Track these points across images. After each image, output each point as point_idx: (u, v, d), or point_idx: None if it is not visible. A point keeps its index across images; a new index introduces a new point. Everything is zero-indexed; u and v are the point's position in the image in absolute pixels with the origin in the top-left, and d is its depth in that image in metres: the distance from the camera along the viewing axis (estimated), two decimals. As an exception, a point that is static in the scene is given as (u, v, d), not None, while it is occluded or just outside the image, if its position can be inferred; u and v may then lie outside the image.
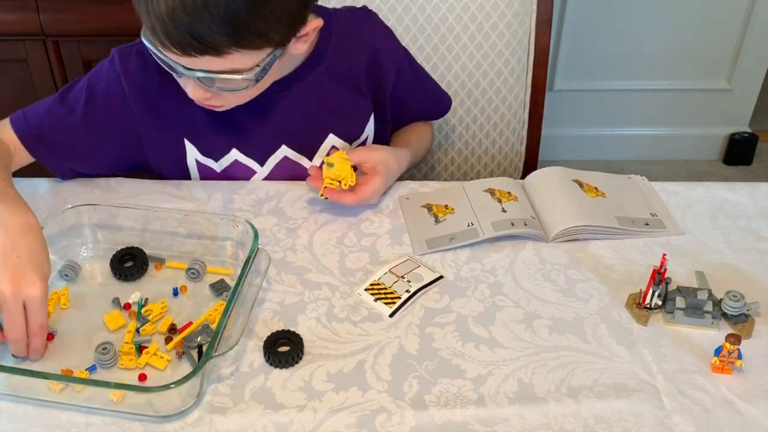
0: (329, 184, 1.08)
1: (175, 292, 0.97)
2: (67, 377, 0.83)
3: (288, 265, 1.02)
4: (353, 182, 1.09)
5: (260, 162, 1.18)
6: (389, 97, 1.24)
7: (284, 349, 0.88)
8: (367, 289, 0.98)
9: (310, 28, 1.00)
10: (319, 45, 1.13)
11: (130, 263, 1.00)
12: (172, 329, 0.91)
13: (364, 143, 1.24)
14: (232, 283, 0.97)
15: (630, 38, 2.39)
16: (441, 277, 1.00)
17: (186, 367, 0.87)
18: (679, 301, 0.94)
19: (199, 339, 0.89)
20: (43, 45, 1.85)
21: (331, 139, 1.20)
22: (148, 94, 1.10)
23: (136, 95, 1.09)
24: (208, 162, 1.17)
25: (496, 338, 0.92)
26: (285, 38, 0.98)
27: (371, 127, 1.24)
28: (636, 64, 2.44)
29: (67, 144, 1.11)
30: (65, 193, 1.14)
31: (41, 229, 0.90)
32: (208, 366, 0.81)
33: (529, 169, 1.44)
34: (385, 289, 0.98)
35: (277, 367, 0.87)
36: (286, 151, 1.18)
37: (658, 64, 2.45)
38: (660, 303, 0.95)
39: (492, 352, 0.90)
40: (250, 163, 1.17)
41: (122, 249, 1.01)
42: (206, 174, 1.18)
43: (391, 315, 0.94)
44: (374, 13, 1.23)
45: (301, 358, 0.88)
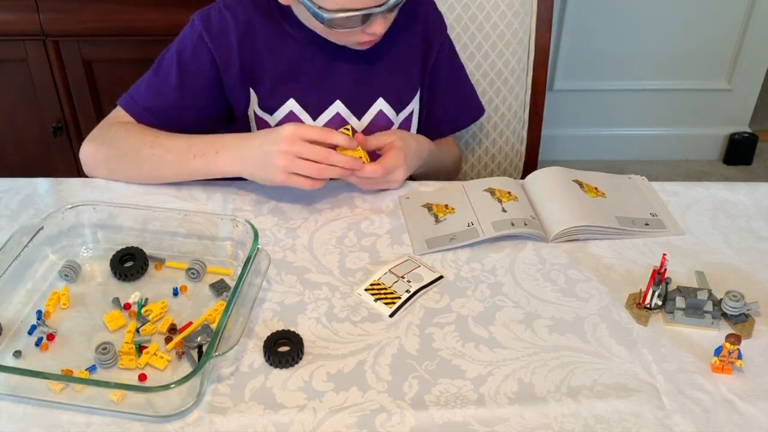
0: None
1: (175, 292, 0.97)
2: (67, 377, 0.83)
3: (288, 265, 1.02)
4: (368, 161, 1.09)
5: (313, 115, 1.20)
6: (427, 79, 1.25)
7: (284, 349, 0.88)
8: (367, 289, 0.98)
9: None
10: None
11: (130, 263, 1.00)
12: (172, 329, 0.91)
13: (408, 118, 1.26)
14: (232, 283, 0.97)
15: (630, 38, 2.39)
16: (441, 277, 1.00)
17: (186, 367, 0.87)
18: (679, 301, 0.94)
19: (199, 339, 0.89)
20: (43, 45, 1.85)
21: (380, 103, 1.22)
22: (228, 47, 1.16)
23: (217, 48, 1.15)
24: (264, 115, 1.22)
25: (496, 338, 0.92)
26: None
27: (416, 103, 1.26)
28: (636, 64, 2.45)
29: (166, 110, 1.18)
30: (65, 193, 1.14)
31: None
32: (208, 366, 0.81)
33: (529, 169, 1.45)
34: (385, 289, 0.98)
35: (277, 367, 0.87)
36: (339, 106, 1.21)
37: (658, 64, 2.45)
38: (660, 303, 0.95)
39: (492, 352, 0.90)
40: (304, 116, 1.20)
41: (122, 249, 1.01)
42: (262, 126, 1.23)
43: (391, 315, 0.94)
44: None
45: (301, 358, 0.88)
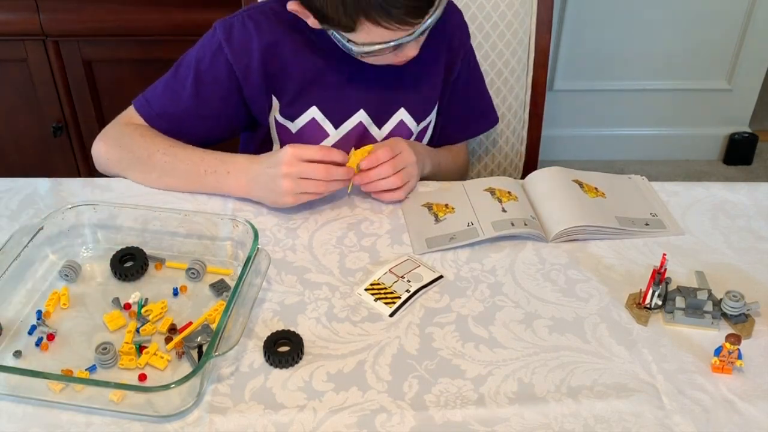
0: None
1: (175, 292, 0.97)
2: (67, 377, 0.83)
3: (288, 265, 1.02)
4: None
5: (335, 124, 1.21)
6: (448, 87, 1.26)
7: (284, 349, 0.88)
8: (367, 289, 0.98)
9: None
10: None
11: (130, 263, 1.00)
12: (172, 329, 0.91)
13: (425, 128, 1.27)
14: (232, 283, 0.97)
15: (630, 38, 2.39)
16: (441, 277, 1.00)
17: (186, 367, 0.87)
18: (679, 301, 0.94)
19: (199, 339, 0.89)
20: (43, 45, 1.85)
21: (401, 113, 1.22)
22: (249, 59, 1.15)
23: (237, 60, 1.15)
24: (285, 122, 1.22)
25: (496, 338, 0.92)
26: None
27: (434, 115, 1.27)
28: (636, 64, 2.44)
29: (180, 118, 1.18)
30: (65, 193, 1.14)
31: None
32: (208, 366, 0.81)
33: (529, 169, 1.44)
34: (385, 289, 0.98)
35: (277, 367, 0.87)
36: (362, 116, 1.21)
37: (658, 64, 2.45)
38: (660, 303, 0.95)
39: (492, 352, 0.90)
40: (326, 125, 1.21)
41: (122, 249, 1.01)
42: (282, 133, 1.23)
43: (391, 315, 0.94)
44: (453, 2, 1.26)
45: (301, 358, 0.88)
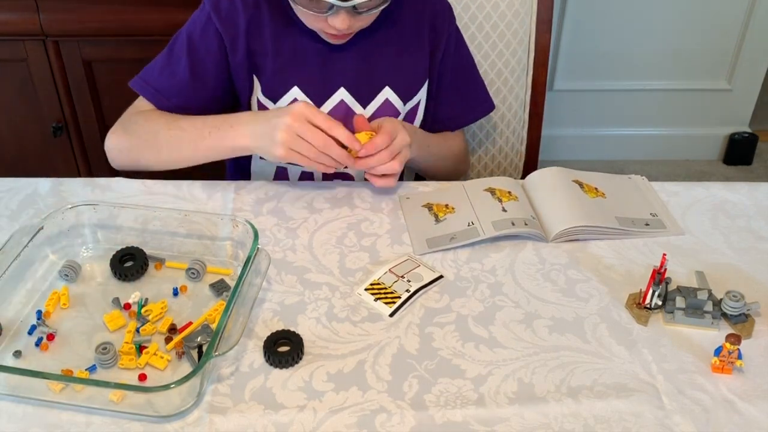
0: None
1: (175, 292, 0.97)
2: (67, 377, 0.83)
3: (288, 265, 1.02)
4: None
5: (317, 103, 1.21)
6: (435, 70, 1.26)
7: (284, 349, 0.88)
8: (367, 289, 0.98)
9: None
10: None
11: (130, 263, 1.00)
12: (172, 329, 0.91)
13: (415, 108, 1.26)
14: (232, 283, 0.97)
15: (630, 38, 2.39)
16: (441, 277, 1.00)
17: (186, 367, 0.87)
18: (679, 301, 0.94)
19: (199, 339, 0.89)
20: (43, 45, 1.85)
21: (386, 92, 1.22)
22: (236, 31, 1.17)
23: (225, 30, 1.17)
24: (268, 103, 1.22)
25: (496, 338, 0.92)
26: None
27: (424, 93, 1.27)
28: (636, 64, 2.44)
29: (178, 92, 1.20)
30: (65, 193, 1.14)
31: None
32: (208, 366, 0.81)
33: (529, 169, 1.45)
34: (385, 288, 0.98)
35: (277, 367, 0.87)
36: (343, 94, 1.21)
37: (658, 64, 2.45)
38: (660, 303, 0.95)
39: (492, 352, 0.90)
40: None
41: (122, 249, 1.01)
42: None
43: (391, 315, 0.94)
44: None
45: (301, 358, 0.88)
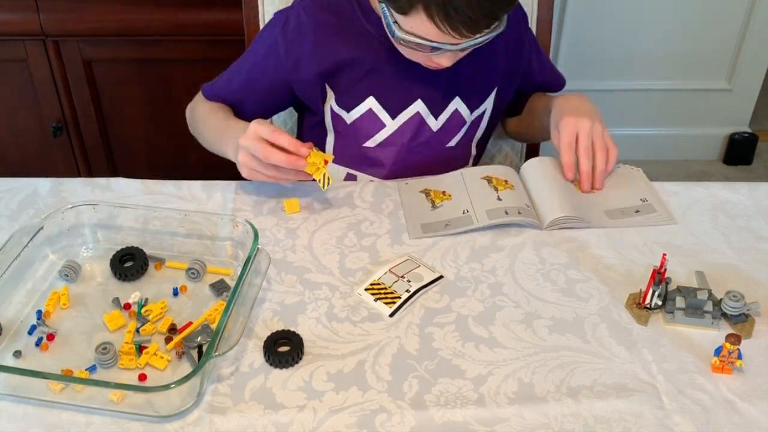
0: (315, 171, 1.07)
1: (175, 292, 0.97)
2: (67, 377, 0.83)
3: (288, 265, 1.02)
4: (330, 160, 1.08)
5: (393, 115, 1.22)
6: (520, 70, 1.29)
7: (284, 349, 0.88)
8: (367, 289, 0.98)
9: None
10: None
11: (130, 263, 1.00)
12: (172, 329, 0.91)
13: (480, 117, 1.28)
14: (232, 283, 0.97)
15: (630, 38, 2.39)
16: (441, 277, 1.00)
17: (186, 367, 0.87)
18: (679, 301, 0.94)
19: (199, 339, 0.89)
20: (43, 45, 1.85)
21: (456, 102, 1.23)
22: (299, 53, 1.20)
23: (289, 52, 1.20)
24: (341, 112, 1.24)
25: (496, 338, 0.92)
26: None
27: (491, 102, 1.28)
28: (636, 64, 2.44)
29: (231, 102, 1.27)
30: (65, 193, 1.14)
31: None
32: (208, 366, 0.81)
33: (529, 169, 1.44)
34: (385, 288, 0.98)
35: (277, 367, 0.87)
36: (419, 106, 1.22)
37: (658, 64, 2.45)
38: (660, 303, 0.95)
39: (492, 352, 0.90)
40: (382, 115, 1.22)
41: (122, 249, 1.01)
42: (337, 122, 1.26)
43: (391, 315, 0.94)
44: None
45: (301, 358, 0.88)
